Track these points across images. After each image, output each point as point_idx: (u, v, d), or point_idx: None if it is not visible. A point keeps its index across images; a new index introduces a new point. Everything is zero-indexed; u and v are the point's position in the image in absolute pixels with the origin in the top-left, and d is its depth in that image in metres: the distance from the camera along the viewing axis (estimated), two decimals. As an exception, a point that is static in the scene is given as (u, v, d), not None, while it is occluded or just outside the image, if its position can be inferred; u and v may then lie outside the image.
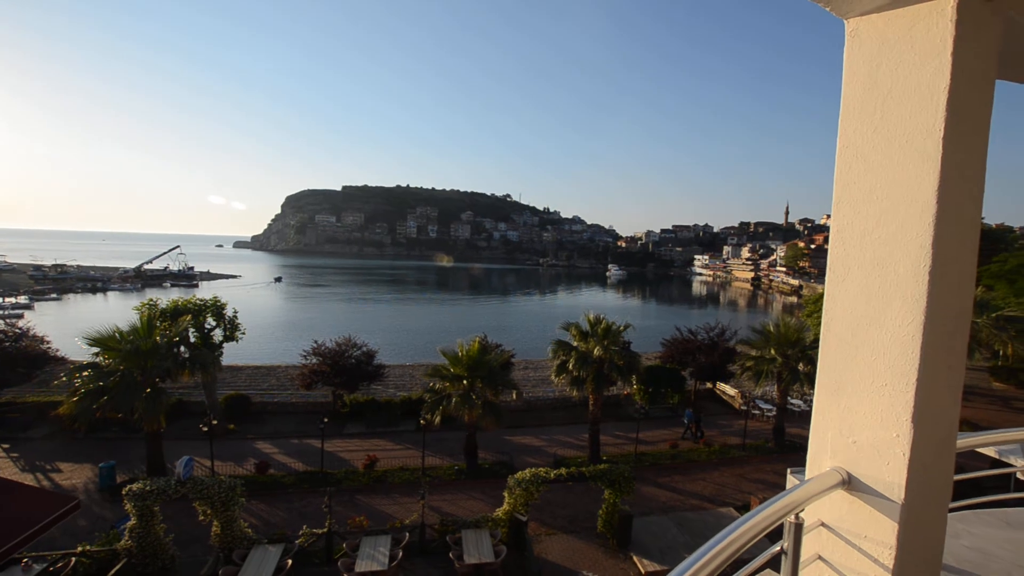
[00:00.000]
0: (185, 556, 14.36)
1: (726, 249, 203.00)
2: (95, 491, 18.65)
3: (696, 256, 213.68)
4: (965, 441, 2.14)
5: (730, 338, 31.44)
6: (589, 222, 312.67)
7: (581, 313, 24.35)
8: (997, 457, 15.62)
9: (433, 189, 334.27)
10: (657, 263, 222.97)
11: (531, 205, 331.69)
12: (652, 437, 25.10)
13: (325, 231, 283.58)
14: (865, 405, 1.75)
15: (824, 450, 1.89)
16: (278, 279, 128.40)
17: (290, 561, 13.55)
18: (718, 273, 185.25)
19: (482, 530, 15.20)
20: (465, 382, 20.23)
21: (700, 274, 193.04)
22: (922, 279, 1.61)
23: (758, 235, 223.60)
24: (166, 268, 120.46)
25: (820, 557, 1.87)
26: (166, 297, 27.06)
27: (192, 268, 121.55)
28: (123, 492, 13.76)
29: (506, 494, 15.76)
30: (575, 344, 22.79)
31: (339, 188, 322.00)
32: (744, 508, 18.01)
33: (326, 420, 21.02)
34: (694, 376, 31.12)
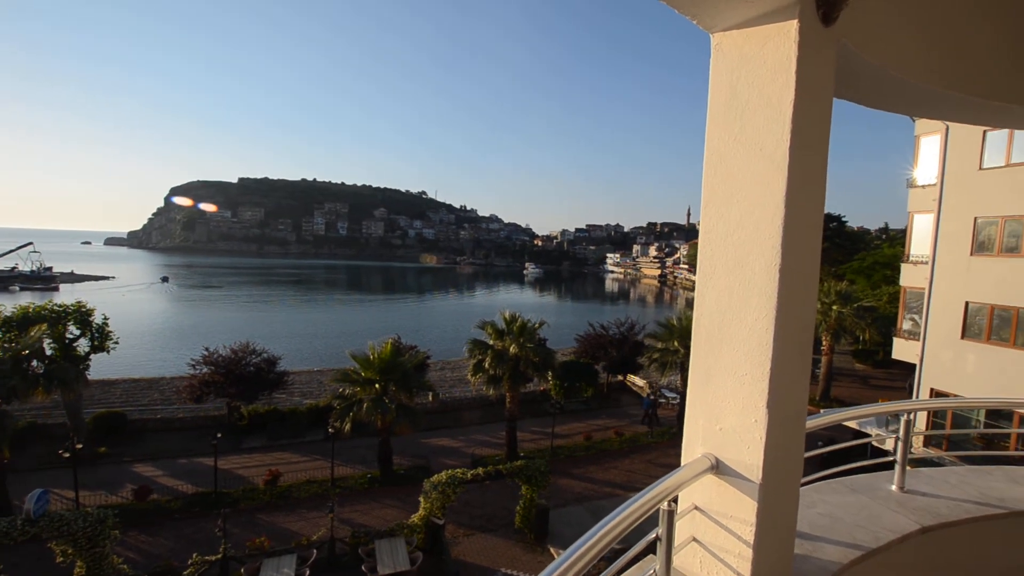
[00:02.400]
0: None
1: (635, 248, 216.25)
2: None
3: (608, 254, 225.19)
4: (814, 421, 2.39)
5: (639, 332, 33.35)
6: (506, 220, 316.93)
7: (498, 311, 24.53)
8: (858, 428, 18.24)
9: (343, 184, 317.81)
10: (572, 261, 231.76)
11: (447, 203, 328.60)
12: (568, 430, 25.98)
13: (219, 227, 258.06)
14: (730, 394, 1.88)
15: (696, 437, 2.01)
16: (164, 279, 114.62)
17: (176, 596, 12.14)
18: (628, 271, 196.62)
19: (397, 538, 14.74)
20: (377, 386, 19.47)
21: (612, 272, 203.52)
22: (774, 277, 1.75)
23: (664, 235, 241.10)
24: (14, 269, 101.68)
25: (694, 539, 1.98)
26: (12, 303, 22.82)
27: (50, 268, 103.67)
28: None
29: (422, 499, 15.43)
30: (491, 343, 22.90)
31: (235, 180, 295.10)
32: (649, 490, 19.27)
33: (219, 435, 19.09)
34: (606, 369, 32.75)
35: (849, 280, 39.90)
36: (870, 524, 2.55)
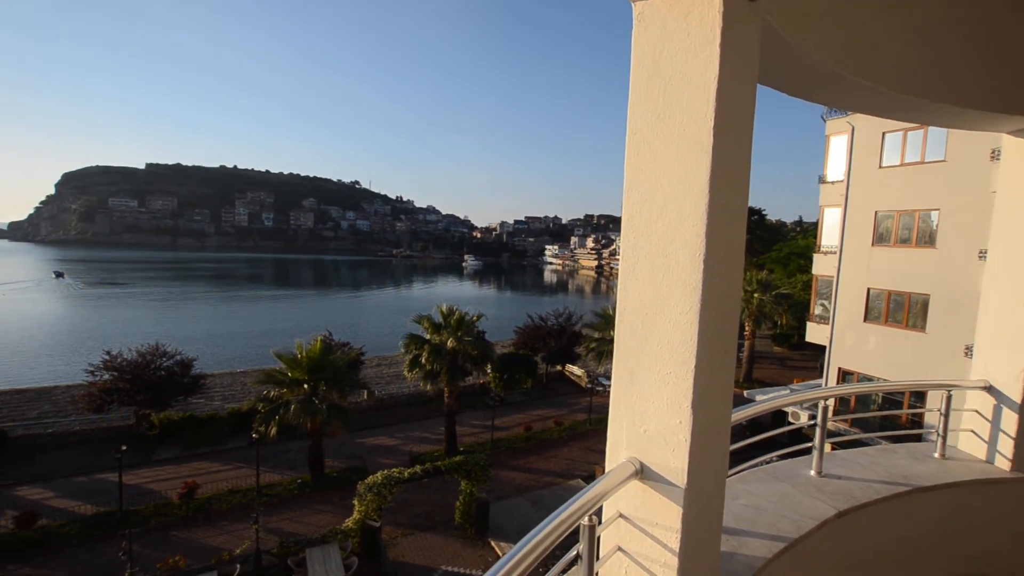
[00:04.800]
0: None
1: (573, 240, 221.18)
2: None
3: (547, 246, 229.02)
4: (738, 414, 2.36)
5: (576, 322, 34.09)
6: (444, 212, 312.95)
7: (436, 305, 24.03)
8: (789, 410, 19.66)
9: (268, 172, 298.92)
10: (511, 253, 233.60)
11: (383, 193, 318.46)
12: (508, 422, 26.08)
13: (123, 218, 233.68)
14: (654, 394, 1.77)
15: (621, 441, 1.88)
16: (59, 275, 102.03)
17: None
18: (567, 262, 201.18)
19: (330, 545, 14.08)
20: (306, 386, 18.43)
21: (551, 263, 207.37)
22: (698, 268, 1.64)
23: (601, 226, 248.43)
24: None
25: (620, 548, 1.87)
26: None
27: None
28: None
29: (356, 502, 14.83)
30: (428, 337, 22.41)
31: (142, 166, 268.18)
32: (590, 477, 19.81)
33: (125, 448, 17.20)
34: (545, 360, 33.23)
35: (768, 269, 43.16)
36: (791, 512, 2.59)
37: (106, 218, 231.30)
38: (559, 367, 35.30)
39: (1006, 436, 3.09)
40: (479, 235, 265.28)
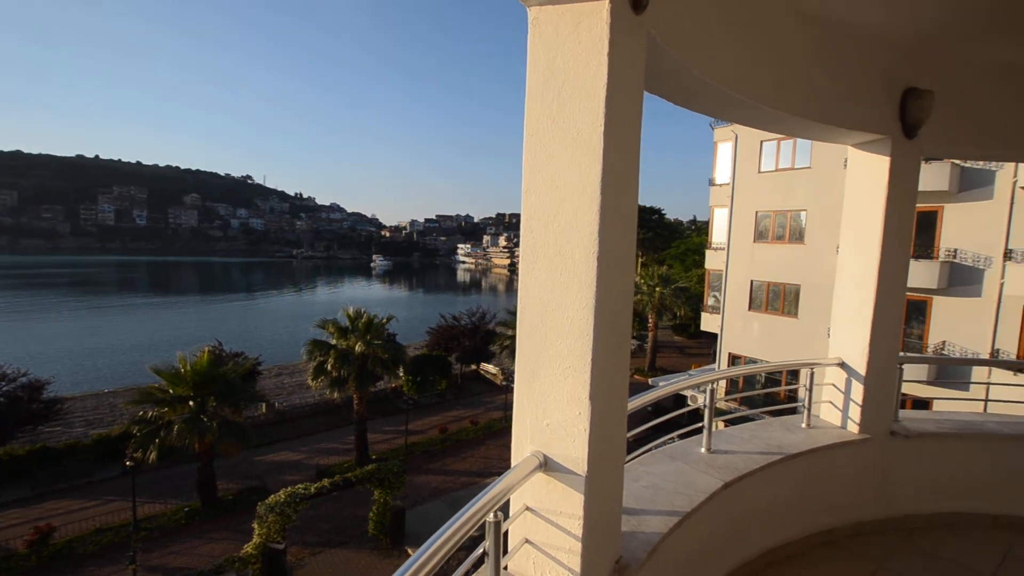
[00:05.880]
0: None
1: (486, 238, 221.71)
2: None
3: (459, 245, 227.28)
4: (636, 402, 2.51)
5: (490, 321, 34.22)
6: (350, 210, 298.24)
7: (342, 308, 22.79)
8: (688, 394, 21.31)
9: (139, 164, 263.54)
10: (423, 252, 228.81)
11: (280, 190, 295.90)
12: (423, 426, 25.54)
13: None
14: (555, 388, 1.84)
15: (525, 435, 1.94)
16: None
17: None
18: (480, 261, 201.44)
19: (225, 575, 12.76)
20: (192, 403, 16.54)
21: (464, 262, 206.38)
22: (592, 265, 1.73)
23: (513, 225, 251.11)
24: None
25: (527, 541, 1.93)
26: None
27: None
28: None
29: (256, 524, 13.66)
30: (334, 342, 21.24)
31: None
32: (504, 473, 19.99)
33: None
34: (460, 360, 32.99)
35: (668, 265, 46.70)
36: (686, 489, 2.80)
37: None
38: (474, 366, 35.31)
39: (855, 404, 3.62)
40: (388, 234, 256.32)
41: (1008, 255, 13.90)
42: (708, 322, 23.08)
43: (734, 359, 20.82)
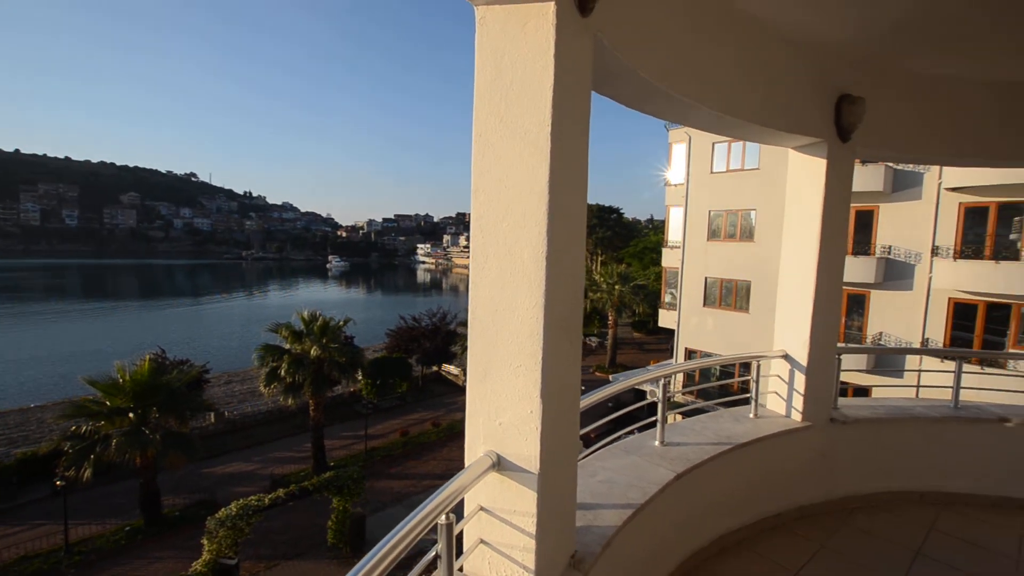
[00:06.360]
0: None
1: (446, 238, 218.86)
2: None
3: (419, 245, 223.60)
4: (588, 399, 2.55)
5: (452, 321, 33.89)
6: (304, 210, 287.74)
7: (296, 311, 21.96)
8: (639, 388, 21.84)
9: (68, 159, 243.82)
10: (381, 253, 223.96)
11: (227, 188, 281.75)
12: (383, 429, 25.01)
13: None
14: (507, 387, 1.85)
15: (478, 435, 1.94)
16: None
17: None
18: (440, 260, 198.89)
19: (172, 597, 12.05)
20: (132, 415, 15.51)
21: (423, 262, 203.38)
22: (541, 265, 1.74)
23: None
24: None
25: (482, 541, 1.93)
26: None
27: None
28: None
29: (206, 540, 12.97)
30: (288, 346, 20.45)
31: None
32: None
33: None
34: (420, 362, 32.50)
35: (627, 263, 47.69)
36: (639, 481, 2.86)
37: None
38: (435, 368, 34.89)
39: (797, 394, 3.82)
40: (344, 234, 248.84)
41: (935, 251, 15.08)
42: (665, 318, 23.77)
43: (690, 353, 21.54)
